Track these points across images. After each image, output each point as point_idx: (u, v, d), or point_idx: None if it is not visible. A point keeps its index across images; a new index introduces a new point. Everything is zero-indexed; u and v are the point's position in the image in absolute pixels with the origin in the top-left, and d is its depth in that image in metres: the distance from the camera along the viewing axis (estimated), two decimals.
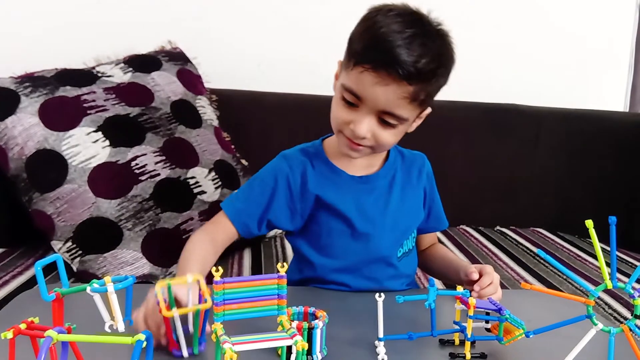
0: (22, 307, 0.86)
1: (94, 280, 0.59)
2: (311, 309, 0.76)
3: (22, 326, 0.57)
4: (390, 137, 0.88)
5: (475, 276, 0.88)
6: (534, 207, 1.84)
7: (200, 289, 0.65)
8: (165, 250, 1.24)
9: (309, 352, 0.69)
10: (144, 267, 1.19)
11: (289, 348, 0.59)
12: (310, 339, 0.69)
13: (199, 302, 0.66)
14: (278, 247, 1.51)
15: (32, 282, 1.18)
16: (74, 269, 1.20)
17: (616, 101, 2.19)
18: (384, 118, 0.85)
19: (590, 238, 0.61)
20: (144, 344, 0.46)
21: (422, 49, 0.81)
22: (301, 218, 0.97)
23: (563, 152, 1.85)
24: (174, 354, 0.68)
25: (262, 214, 0.96)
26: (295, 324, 0.67)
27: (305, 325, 0.69)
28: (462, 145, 1.80)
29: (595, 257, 0.65)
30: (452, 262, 1.02)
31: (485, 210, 1.81)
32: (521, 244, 1.62)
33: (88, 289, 0.57)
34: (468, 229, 1.75)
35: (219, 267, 0.60)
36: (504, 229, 1.77)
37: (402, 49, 0.80)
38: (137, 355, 0.45)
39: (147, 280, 1.20)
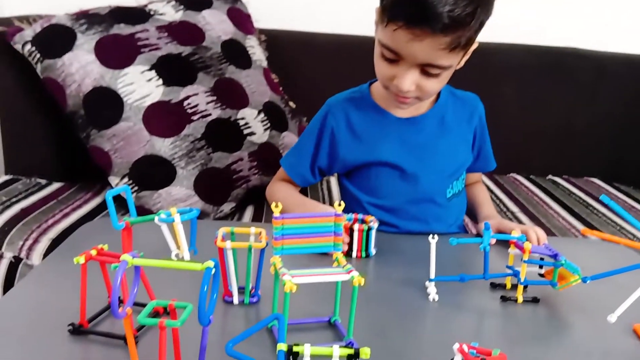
0: (84, 238, 0.90)
1: (161, 211, 0.61)
2: (360, 215, 0.88)
3: (93, 252, 0.60)
4: (435, 85, 0.88)
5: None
6: (589, 157, 1.77)
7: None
8: (216, 189, 1.27)
9: (366, 249, 0.85)
10: (197, 204, 1.23)
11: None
12: (367, 238, 0.84)
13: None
14: (324, 189, 1.52)
15: (91, 215, 1.23)
16: None
17: None
18: (427, 69, 0.85)
19: None
20: (213, 271, 0.48)
21: None
22: (351, 161, 0.98)
23: (623, 100, 1.76)
24: (225, 300, 0.69)
25: (312, 163, 1.00)
26: (357, 226, 0.83)
27: (365, 227, 0.83)
28: (517, 90, 1.73)
29: None
30: (477, 206, 1.06)
31: (537, 159, 1.76)
32: (574, 194, 1.58)
33: (156, 219, 0.60)
34: (519, 177, 1.71)
35: (279, 203, 0.61)
36: (556, 178, 1.73)
37: (434, 0, 0.76)
38: (206, 281, 0.47)
39: (199, 217, 1.24)
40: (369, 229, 0.84)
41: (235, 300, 0.68)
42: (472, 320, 0.70)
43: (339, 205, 0.62)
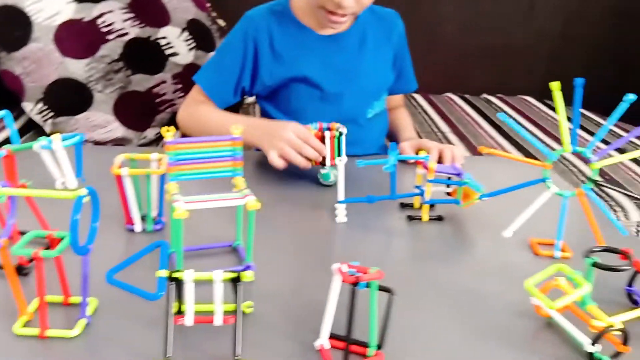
0: None
1: (42, 137, 0.57)
2: (325, 124, 0.81)
3: None
4: None
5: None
6: (525, 75, 1.80)
7: None
8: (138, 113, 1.22)
9: (338, 155, 0.77)
10: (117, 130, 1.18)
11: None
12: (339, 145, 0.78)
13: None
14: (257, 113, 1.49)
15: (3, 143, 1.17)
16: (47, 130, 1.18)
17: None
18: None
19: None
20: (87, 198, 0.46)
21: None
22: (271, 81, 0.95)
23: (559, 15, 1.76)
24: (127, 228, 0.67)
25: (237, 82, 0.95)
26: (328, 133, 0.77)
27: (337, 133, 0.77)
28: (454, 7, 1.70)
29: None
30: (398, 130, 1.05)
31: (474, 78, 1.77)
32: (505, 112, 1.60)
33: (35, 146, 0.56)
34: (453, 96, 1.71)
35: (170, 128, 0.58)
36: (490, 97, 1.74)
37: None
38: (77, 210, 0.45)
39: (120, 143, 1.19)
40: (340, 134, 0.78)
41: (138, 228, 0.67)
42: (379, 240, 0.71)
43: (236, 128, 0.60)
